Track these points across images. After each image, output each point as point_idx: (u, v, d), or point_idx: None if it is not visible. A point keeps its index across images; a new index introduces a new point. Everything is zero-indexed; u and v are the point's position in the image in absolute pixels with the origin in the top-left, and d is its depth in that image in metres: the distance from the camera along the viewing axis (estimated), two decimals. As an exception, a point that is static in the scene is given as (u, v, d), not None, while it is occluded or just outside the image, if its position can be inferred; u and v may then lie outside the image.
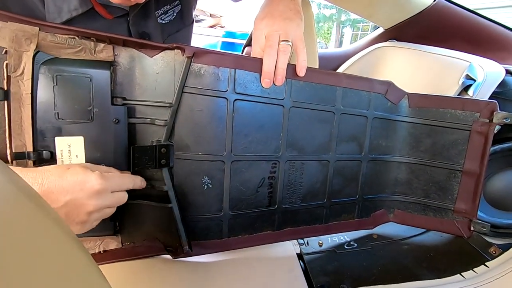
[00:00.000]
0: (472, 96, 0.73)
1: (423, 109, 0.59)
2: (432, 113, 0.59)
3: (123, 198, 0.42)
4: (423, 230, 0.68)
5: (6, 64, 0.38)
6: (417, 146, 0.61)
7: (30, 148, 0.40)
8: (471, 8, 1.00)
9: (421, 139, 0.60)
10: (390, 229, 0.68)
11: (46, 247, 0.19)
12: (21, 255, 0.16)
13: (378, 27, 1.22)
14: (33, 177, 0.35)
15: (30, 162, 0.41)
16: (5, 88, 0.39)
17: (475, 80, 0.74)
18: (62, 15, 0.42)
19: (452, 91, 0.83)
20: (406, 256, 0.62)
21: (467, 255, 0.63)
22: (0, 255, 0.15)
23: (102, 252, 0.49)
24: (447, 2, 1.00)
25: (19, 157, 0.40)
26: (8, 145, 0.40)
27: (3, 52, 0.38)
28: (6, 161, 0.40)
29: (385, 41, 1.17)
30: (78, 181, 0.36)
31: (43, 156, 0.41)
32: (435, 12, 1.03)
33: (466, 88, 0.78)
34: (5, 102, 0.39)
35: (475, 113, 0.57)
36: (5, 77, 0.38)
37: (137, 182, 0.44)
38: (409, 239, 0.68)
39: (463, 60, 0.82)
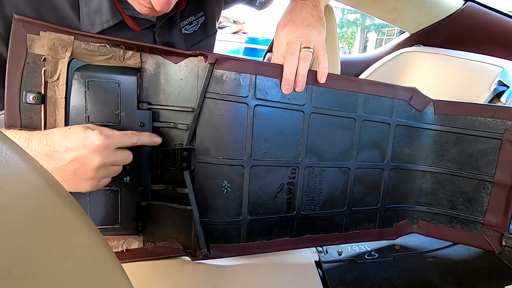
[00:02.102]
0: (505, 103, 0.70)
1: (449, 116, 0.57)
2: (460, 120, 0.57)
3: (127, 156, 0.42)
4: (449, 243, 0.65)
5: (44, 70, 0.41)
6: (443, 155, 0.58)
7: None
8: (503, 11, 0.95)
9: (448, 147, 0.58)
10: (413, 240, 0.66)
11: (76, 244, 0.20)
12: (52, 251, 0.18)
13: (404, 31, 1.19)
14: (39, 138, 0.38)
15: None
16: (43, 93, 0.42)
17: (508, 87, 0.70)
18: (95, 27, 0.45)
19: (482, 98, 0.79)
20: (431, 269, 0.59)
21: (497, 271, 0.59)
22: (34, 249, 0.16)
23: (124, 251, 0.51)
24: (478, 5, 0.96)
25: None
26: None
27: (41, 59, 0.41)
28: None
29: (411, 46, 1.14)
30: (80, 138, 0.38)
31: None
32: (465, 15, 0.99)
33: (498, 95, 0.74)
34: (42, 105, 0.42)
35: (507, 121, 0.54)
36: (43, 82, 0.41)
37: (143, 137, 0.44)
38: (434, 251, 0.65)
39: (496, 65, 0.79)
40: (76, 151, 0.38)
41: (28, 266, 0.15)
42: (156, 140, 0.46)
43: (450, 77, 0.92)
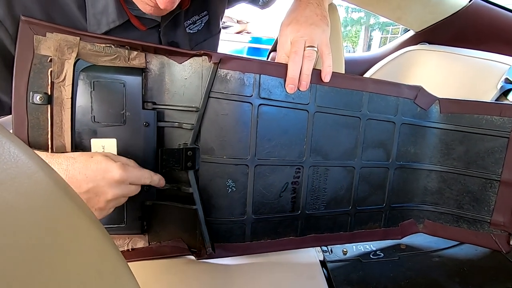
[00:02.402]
0: (512, 101, 0.69)
1: (455, 115, 0.57)
2: (466, 119, 0.56)
3: (135, 190, 0.44)
4: (456, 242, 0.64)
5: (51, 71, 0.42)
6: (449, 154, 0.58)
7: (69, 149, 0.44)
8: (510, 7, 0.94)
9: (453, 146, 0.57)
10: (419, 240, 0.65)
11: (83, 243, 0.20)
12: (60, 250, 0.18)
13: (408, 30, 1.18)
14: (59, 162, 0.38)
15: None
16: (49, 93, 0.42)
17: (515, 85, 0.70)
18: (101, 27, 0.46)
19: (489, 96, 0.78)
20: (437, 269, 0.59)
21: (505, 271, 0.58)
22: (42, 248, 0.16)
23: (130, 250, 0.51)
24: (484, 2, 0.95)
25: (59, 157, 0.44)
26: (49, 146, 0.43)
27: (48, 60, 0.42)
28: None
29: (416, 44, 1.13)
30: (101, 169, 0.39)
31: None
32: (471, 12, 0.98)
33: (505, 93, 0.73)
34: (48, 106, 0.43)
35: None
36: (49, 83, 0.42)
37: (155, 179, 0.45)
38: (440, 251, 0.64)
39: (502, 63, 0.78)
40: (94, 182, 0.39)
41: (36, 265, 0.16)
42: (162, 183, 0.47)
43: (456, 75, 0.91)
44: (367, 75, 1.21)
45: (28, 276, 0.15)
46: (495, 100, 0.74)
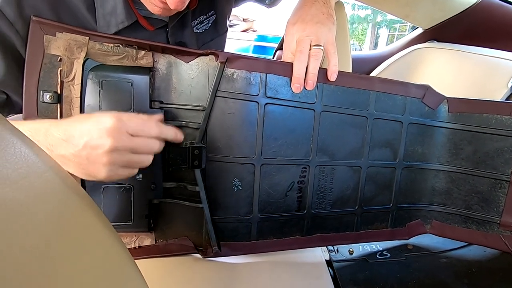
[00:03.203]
0: (523, 101, 0.68)
1: (464, 114, 0.56)
2: (475, 118, 0.55)
3: (147, 144, 0.40)
4: (464, 243, 0.64)
5: (60, 70, 0.42)
6: (457, 154, 0.57)
7: None
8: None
9: (462, 146, 0.56)
10: (426, 240, 0.65)
11: (92, 240, 0.20)
12: (69, 247, 0.18)
13: (416, 27, 1.17)
14: (58, 124, 0.38)
15: None
16: (59, 92, 0.43)
17: (526, 83, 0.68)
18: (110, 28, 0.46)
19: (499, 95, 0.77)
20: (445, 270, 0.58)
21: (515, 273, 0.57)
22: (51, 245, 0.17)
23: (137, 247, 0.51)
24: (495, -1, 0.94)
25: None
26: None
27: (58, 60, 0.42)
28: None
29: (424, 42, 1.11)
30: (93, 121, 0.37)
31: None
32: (481, 10, 0.96)
33: (516, 92, 0.72)
34: (58, 105, 0.43)
35: None
36: (59, 82, 0.43)
37: (167, 131, 0.42)
38: (448, 252, 0.64)
39: (513, 61, 0.76)
40: (88, 135, 0.36)
41: (46, 262, 0.16)
42: (180, 137, 0.44)
43: (466, 74, 0.90)
44: (374, 73, 1.20)
45: (39, 273, 0.15)
46: (506, 99, 0.73)
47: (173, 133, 0.43)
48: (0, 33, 0.41)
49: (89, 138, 0.36)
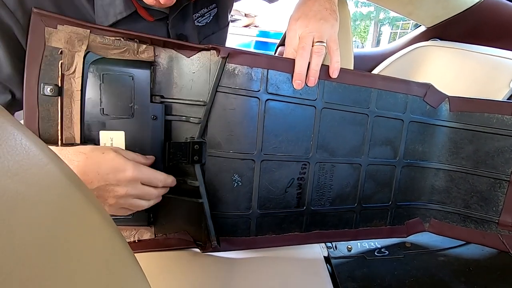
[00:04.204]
0: (524, 101, 0.67)
1: (465, 113, 0.56)
2: (476, 118, 0.55)
3: (153, 194, 0.43)
4: (462, 242, 0.64)
5: (61, 63, 0.42)
6: (458, 153, 0.57)
7: (78, 140, 0.44)
8: (527, 4, 0.92)
9: (463, 145, 0.56)
10: (424, 238, 0.65)
11: (92, 233, 0.20)
12: (69, 239, 0.18)
13: (419, 25, 1.16)
14: (70, 159, 0.39)
15: None
16: (59, 85, 0.43)
17: (529, 83, 0.68)
18: (109, 18, 0.46)
19: (501, 94, 0.77)
20: (442, 268, 0.58)
21: (512, 272, 0.58)
22: (52, 237, 0.17)
23: (136, 241, 0.52)
24: (499, -2, 0.93)
25: (68, 149, 0.44)
26: (59, 137, 0.44)
27: (59, 53, 0.42)
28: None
29: (427, 40, 1.11)
30: (113, 167, 0.39)
31: None
32: (485, 8, 0.95)
33: (518, 92, 0.71)
34: (59, 97, 0.43)
35: None
36: (60, 75, 0.42)
37: (168, 181, 0.46)
38: (446, 250, 0.64)
39: (516, 61, 0.76)
40: (105, 181, 0.39)
41: (46, 254, 0.16)
42: (173, 184, 0.47)
43: (468, 73, 0.89)
44: (376, 71, 1.19)
45: (39, 264, 0.15)
46: (507, 99, 0.72)
47: (172, 182, 0.47)
48: (1, 23, 0.41)
49: (106, 184, 0.39)
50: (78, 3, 0.45)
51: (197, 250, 0.53)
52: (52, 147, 0.41)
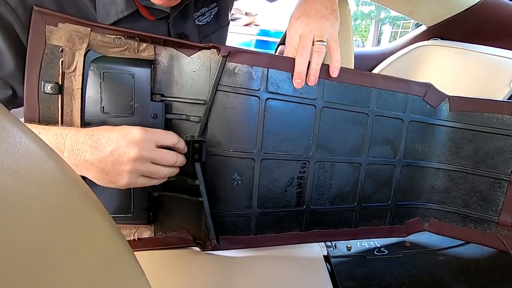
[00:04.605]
0: (525, 100, 0.67)
1: (465, 113, 0.56)
2: (476, 117, 0.55)
3: (169, 156, 0.43)
4: (461, 241, 0.64)
5: (62, 61, 0.42)
6: (458, 153, 0.57)
7: None
8: (528, 3, 0.91)
9: (462, 145, 0.56)
10: (424, 238, 0.65)
11: (91, 232, 0.20)
12: (69, 238, 0.18)
13: (420, 24, 1.16)
14: (86, 132, 0.40)
15: None
16: (60, 83, 0.43)
17: (529, 83, 0.68)
18: (110, 17, 0.46)
19: (502, 94, 0.76)
20: (442, 268, 0.59)
21: (511, 272, 0.58)
22: (51, 235, 0.17)
23: (136, 239, 0.52)
24: (500, -3, 0.93)
25: (68, 147, 0.44)
26: (59, 136, 0.44)
27: (59, 51, 0.42)
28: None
29: (428, 40, 1.11)
30: (122, 131, 0.40)
31: None
32: (486, 8, 0.95)
33: (518, 91, 0.71)
34: (59, 95, 0.43)
35: None
36: (60, 73, 0.42)
37: (181, 144, 0.45)
38: (445, 250, 0.64)
39: (517, 60, 0.76)
40: (116, 143, 0.39)
41: (45, 252, 0.16)
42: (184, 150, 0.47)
43: (469, 72, 0.89)
44: (376, 70, 1.19)
45: (37, 263, 0.15)
46: (508, 99, 0.72)
47: (183, 147, 0.46)
48: (3, 19, 0.41)
49: (117, 146, 0.39)
50: (79, 1, 0.45)
51: (197, 248, 0.54)
52: (71, 129, 0.41)
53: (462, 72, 0.92)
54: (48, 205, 0.18)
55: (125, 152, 0.39)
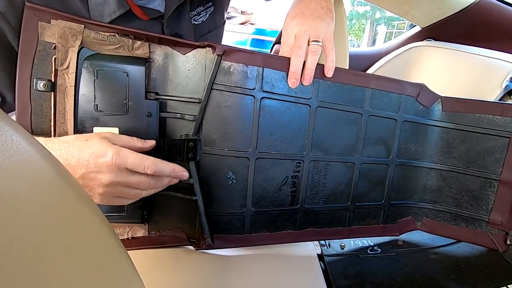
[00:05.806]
0: (516, 101, 0.69)
1: (457, 113, 0.56)
2: (468, 118, 0.56)
3: (143, 182, 0.40)
4: (453, 240, 0.65)
5: (55, 58, 0.42)
6: (450, 152, 0.58)
7: None
8: (520, 6, 0.93)
9: (454, 145, 0.57)
10: (416, 236, 0.66)
11: (83, 231, 0.20)
12: (61, 237, 0.18)
13: (415, 25, 1.17)
14: (53, 148, 0.37)
15: None
16: (53, 80, 0.42)
17: (520, 84, 0.69)
18: (104, 18, 0.45)
19: (493, 95, 0.78)
20: (433, 266, 0.59)
21: (501, 270, 0.59)
22: (43, 234, 0.17)
23: (130, 238, 0.52)
24: None
25: (61, 145, 0.44)
26: (52, 133, 0.44)
27: (52, 48, 0.42)
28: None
29: (422, 41, 1.12)
30: (93, 154, 0.37)
31: None
32: (479, 10, 0.96)
33: (509, 92, 0.72)
34: (52, 93, 0.43)
35: None
36: (53, 70, 0.42)
37: (163, 168, 0.41)
38: (437, 248, 0.65)
39: (509, 62, 0.77)
40: (86, 168, 0.37)
41: (37, 251, 0.16)
42: (183, 174, 0.44)
43: (461, 73, 0.90)
44: (371, 70, 1.20)
45: (30, 263, 0.15)
46: (499, 99, 0.74)
47: (170, 170, 0.43)
48: None
49: (87, 171, 0.37)
50: (70, 2, 0.44)
51: (191, 247, 0.53)
52: (39, 138, 0.39)
53: (455, 73, 0.93)
54: (41, 203, 0.17)
55: (96, 177, 0.37)
